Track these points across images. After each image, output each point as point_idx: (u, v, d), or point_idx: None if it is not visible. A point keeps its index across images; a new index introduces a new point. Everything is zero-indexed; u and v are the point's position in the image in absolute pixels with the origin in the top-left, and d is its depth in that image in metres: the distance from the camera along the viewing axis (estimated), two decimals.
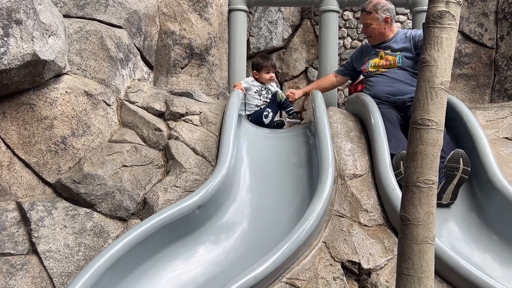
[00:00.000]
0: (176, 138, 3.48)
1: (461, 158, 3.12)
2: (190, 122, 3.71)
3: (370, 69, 4.14)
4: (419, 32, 4.05)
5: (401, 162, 3.19)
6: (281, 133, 4.19)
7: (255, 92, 4.39)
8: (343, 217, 2.97)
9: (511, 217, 2.91)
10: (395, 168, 3.19)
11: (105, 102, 3.46)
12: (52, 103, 3.15)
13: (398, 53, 4.04)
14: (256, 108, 4.36)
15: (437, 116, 1.93)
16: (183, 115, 3.75)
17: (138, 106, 3.75)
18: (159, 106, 3.81)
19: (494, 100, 4.88)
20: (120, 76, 3.81)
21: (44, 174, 3.10)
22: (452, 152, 3.15)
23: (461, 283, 2.46)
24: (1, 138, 3.03)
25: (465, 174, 3.10)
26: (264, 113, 4.19)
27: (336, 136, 3.54)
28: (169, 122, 3.70)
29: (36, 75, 2.99)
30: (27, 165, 3.08)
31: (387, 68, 4.05)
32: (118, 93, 3.71)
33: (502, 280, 2.56)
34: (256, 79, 4.44)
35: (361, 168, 3.26)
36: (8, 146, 3.04)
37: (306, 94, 4.64)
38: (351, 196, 3.08)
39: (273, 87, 4.50)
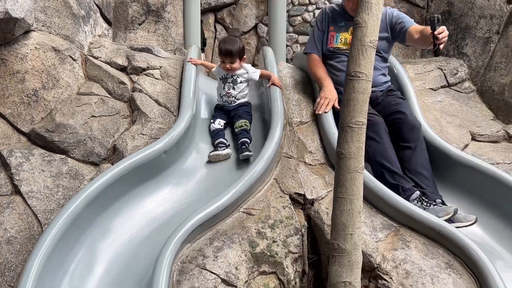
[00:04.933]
0: (140, 91, 3.75)
1: None
2: (152, 76, 3.98)
3: (338, 46, 3.64)
4: (395, 11, 3.68)
5: None
6: None
7: (220, 79, 3.79)
8: (291, 158, 3.39)
9: (430, 157, 3.42)
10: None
11: (71, 57, 3.66)
12: (23, 58, 3.34)
13: None
14: (220, 100, 3.80)
15: (366, 69, 2.34)
16: (144, 70, 4.00)
17: (101, 61, 3.97)
18: (121, 61, 4.04)
19: (424, 56, 5.37)
20: (83, 33, 3.99)
21: (19, 124, 3.32)
22: None
23: (386, 207, 2.95)
24: None
25: None
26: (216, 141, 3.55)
27: (285, 88, 3.91)
28: (131, 76, 3.95)
29: (7, 32, 3.16)
30: (2, 116, 3.29)
31: None
32: (82, 49, 3.91)
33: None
34: None
35: (306, 116, 3.68)
36: None
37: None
38: (298, 140, 3.50)
39: (242, 78, 3.72)
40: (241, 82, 3.72)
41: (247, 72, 3.73)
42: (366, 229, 2.82)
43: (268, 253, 2.71)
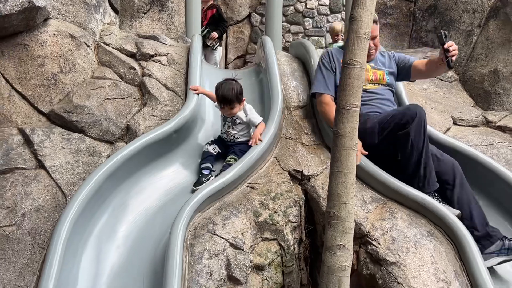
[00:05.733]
0: (149, 76, 4.00)
1: None
2: (159, 62, 4.23)
3: None
4: (400, 53, 3.77)
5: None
6: (236, 74, 4.78)
7: (221, 116, 3.67)
8: (289, 139, 3.68)
9: None
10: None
11: (85, 43, 3.89)
12: (43, 44, 3.57)
13: (383, 67, 3.62)
14: (222, 134, 3.68)
15: (361, 58, 2.62)
16: (152, 56, 4.25)
17: (112, 48, 4.20)
18: (130, 47, 4.28)
19: (412, 46, 5.66)
20: (94, 20, 4.22)
21: (39, 105, 3.56)
22: None
23: (375, 183, 3.25)
24: (1, 74, 3.43)
25: None
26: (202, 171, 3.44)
27: (284, 75, 4.19)
28: (140, 62, 4.20)
29: (30, 19, 3.38)
30: (24, 97, 3.52)
31: (375, 85, 3.55)
32: (94, 36, 4.14)
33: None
34: None
35: (303, 101, 3.96)
36: (7, 81, 3.46)
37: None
38: (296, 123, 3.79)
39: (241, 120, 3.58)
40: (240, 123, 3.57)
41: (246, 115, 3.57)
42: (357, 201, 3.12)
43: (270, 222, 3.00)
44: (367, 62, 3.37)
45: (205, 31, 5.90)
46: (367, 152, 3.26)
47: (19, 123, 3.46)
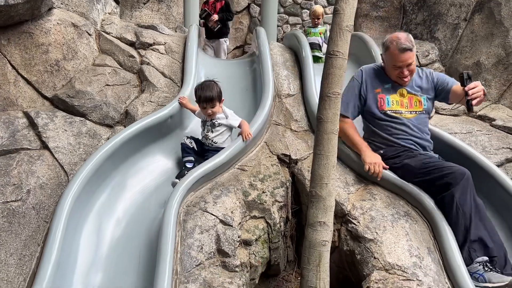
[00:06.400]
0: (148, 64, 4.18)
1: None
2: (157, 51, 4.40)
3: (391, 109, 3.30)
4: (439, 74, 3.45)
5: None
6: (232, 63, 4.96)
7: (201, 121, 3.66)
8: (279, 125, 3.86)
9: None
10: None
11: (87, 32, 4.06)
12: (47, 32, 3.74)
13: (420, 92, 3.34)
14: (202, 139, 3.63)
15: (343, 48, 2.78)
16: (151, 45, 4.42)
17: (113, 37, 4.37)
18: (130, 36, 4.45)
19: None
20: (96, 10, 4.39)
21: (43, 90, 3.74)
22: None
23: (358, 167, 3.44)
24: (7, 60, 3.61)
25: None
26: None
27: (276, 65, 4.36)
28: (139, 50, 4.37)
29: (35, 8, 3.55)
30: (28, 82, 3.70)
31: (412, 113, 3.31)
32: (95, 25, 4.30)
33: None
34: None
35: (293, 89, 4.14)
36: (13, 67, 3.63)
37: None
38: (285, 110, 3.97)
39: (221, 122, 3.55)
40: (219, 126, 3.53)
41: (226, 117, 3.55)
42: (340, 183, 3.30)
43: (258, 201, 3.19)
44: (403, 86, 3.31)
45: (204, 13, 5.84)
46: (388, 167, 3.19)
47: (24, 106, 3.64)
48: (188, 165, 3.48)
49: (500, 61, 4.44)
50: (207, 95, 3.46)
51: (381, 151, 3.29)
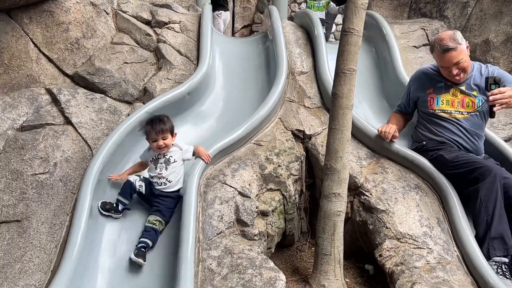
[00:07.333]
0: (164, 42, 4.23)
1: None
2: (173, 29, 4.45)
3: (440, 108, 3.28)
4: (503, 73, 3.25)
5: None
6: (245, 41, 5.00)
7: (150, 161, 3.14)
8: (292, 102, 3.94)
9: None
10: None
11: (105, 11, 4.11)
12: (67, 11, 3.79)
13: (475, 93, 3.21)
14: (150, 178, 3.11)
15: (358, 26, 2.85)
16: (166, 23, 4.47)
17: (129, 15, 4.42)
18: (146, 15, 4.50)
19: (411, 17, 5.83)
20: None
21: (64, 67, 3.81)
22: None
23: (370, 142, 3.52)
24: (30, 38, 3.68)
25: None
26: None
27: (288, 43, 4.41)
28: (155, 29, 4.42)
29: None
30: (50, 60, 3.77)
31: (463, 114, 3.22)
32: (112, 4, 4.35)
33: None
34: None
35: (306, 67, 4.19)
36: (35, 45, 3.71)
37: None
38: (299, 87, 4.04)
39: (176, 158, 3.13)
40: (174, 162, 3.10)
41: (181, 149, 3.16)
42: (353, 158, 3.39)
43: (274, 175, 3.29)
44: (456, 85, 3.24)
45: None
46: (398, 135, 3.33)
47: (46, 83, 3.73)
48: (120, 206, 2.98)
49: (509, 39, 4.47)
50: (159, 126, 3.06)
51: (424, 143, 3.34)
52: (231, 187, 3.09)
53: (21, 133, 3.28)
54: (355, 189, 3.25)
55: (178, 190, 3.09)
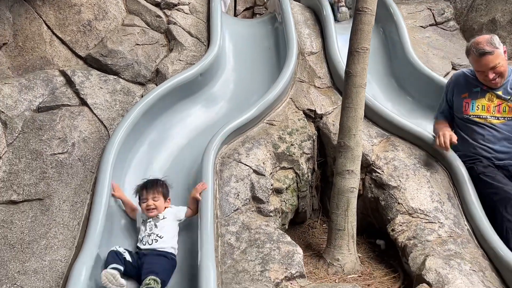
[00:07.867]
0: (174, 23, 4.24)
1: None
2: (182, 11, 4.45)
3: (475, 113, 3.18)
4: None
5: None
6: (254, 23, 5.01)
7: (141, 223, 2.81)
8: (303, 82, 3.97)
9: (417, 82, 4.01)
10: None
11: None
12: None
13: None
14: (140, 243, 2.72)
15: (371, 5, 2.88)
16: (175, 5, 4.47)
17: None
18: None
19: None
20: None
21: (77, 49, 3.83)
22: None
23: (380, 120, 3.57)
24: (43, 20, 3.69)
25: None
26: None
27: (297, 23, 4.42)
28: (165, 10, 4.42)
29: None
30: (63, 42, 3.79)
31: (499, 119, 3.13)
32: None
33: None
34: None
35: (316, 47, 4.22)
36: (48, 27, 3.72)
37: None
38: (309, 67, 4.07)
39: (167, 216, 2.80)
40: (164, 218, 2.77)
41: (173, 211, 2.86)
42: (364, 136, 3.42)
43: (287, 153, 3.34)
44: (492, 90, 3.14)
45: None
46: (456, 138, 3.11)
47: (60, 65, 3.75)
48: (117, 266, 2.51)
49: None
50: (151, 185, 2.83)
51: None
52: (246, 165, 3.14)
53: (38, 114, 3.32)
54: (366, 167, 3.30)
55: (173, 254, 2.69)
